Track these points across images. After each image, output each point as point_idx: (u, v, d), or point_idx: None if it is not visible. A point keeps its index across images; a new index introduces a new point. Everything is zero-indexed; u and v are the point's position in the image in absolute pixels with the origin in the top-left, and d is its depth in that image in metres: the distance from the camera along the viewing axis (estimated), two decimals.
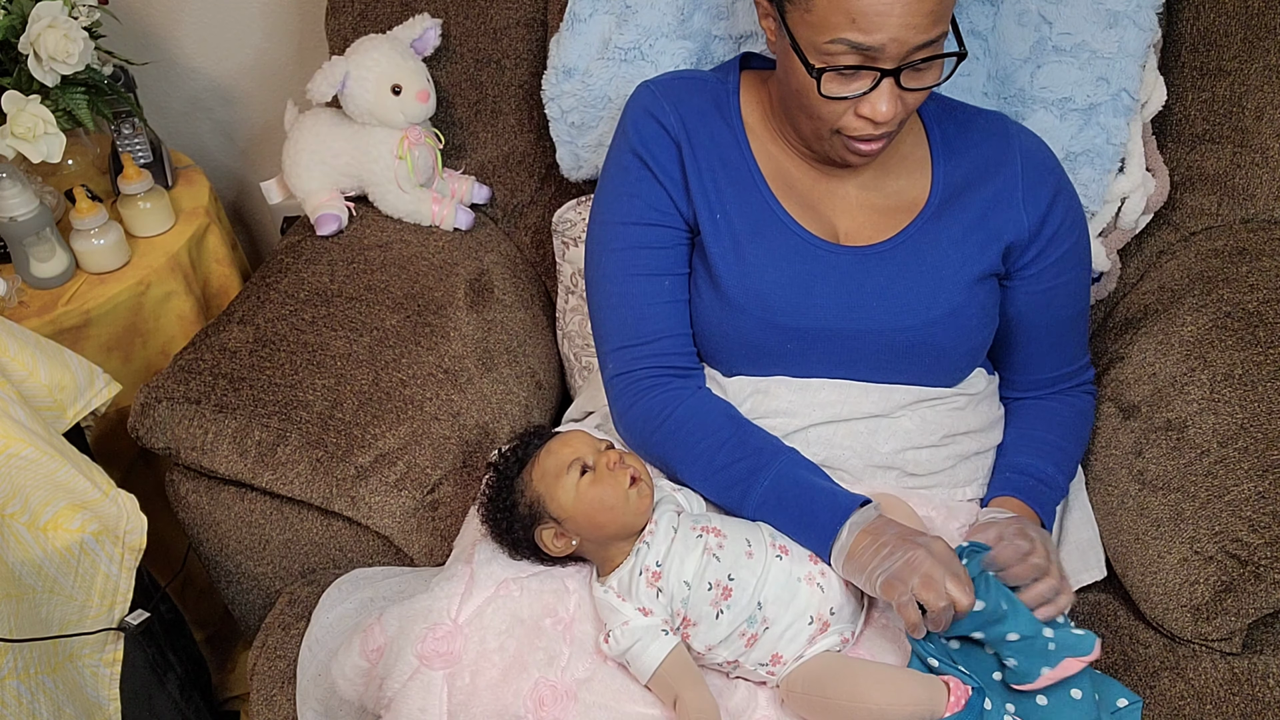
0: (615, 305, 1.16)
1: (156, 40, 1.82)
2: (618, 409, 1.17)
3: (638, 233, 1.15)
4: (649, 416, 1.13)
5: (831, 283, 1.11)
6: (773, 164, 1.15)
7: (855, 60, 0.98)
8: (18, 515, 1.08)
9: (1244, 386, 1.15)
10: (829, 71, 0.99)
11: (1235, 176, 1.35)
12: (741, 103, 1.17)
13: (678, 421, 1.11)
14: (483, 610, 1.00)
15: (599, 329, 1.19)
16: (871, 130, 1.03)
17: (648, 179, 1.15)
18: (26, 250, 1.46)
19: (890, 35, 0.95)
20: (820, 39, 0.97)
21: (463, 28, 1.50)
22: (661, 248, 1.15)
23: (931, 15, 0.95)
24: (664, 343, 1.15)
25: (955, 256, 1.11)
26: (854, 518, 1.01)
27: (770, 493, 1.06)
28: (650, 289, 1.15)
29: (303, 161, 1.47)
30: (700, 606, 0.99)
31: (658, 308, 1.15)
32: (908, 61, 0.98)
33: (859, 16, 0.95)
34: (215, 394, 1.23)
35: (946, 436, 1.15)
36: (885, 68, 0.98)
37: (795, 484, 1.06)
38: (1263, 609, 1.06)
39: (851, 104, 1.02)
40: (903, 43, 0.96)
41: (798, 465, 1.08)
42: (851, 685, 0.96)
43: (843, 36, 0.96)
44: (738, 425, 1.11)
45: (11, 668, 1.07)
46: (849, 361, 1.13)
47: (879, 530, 0.99)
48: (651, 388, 1.14)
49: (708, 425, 1.11)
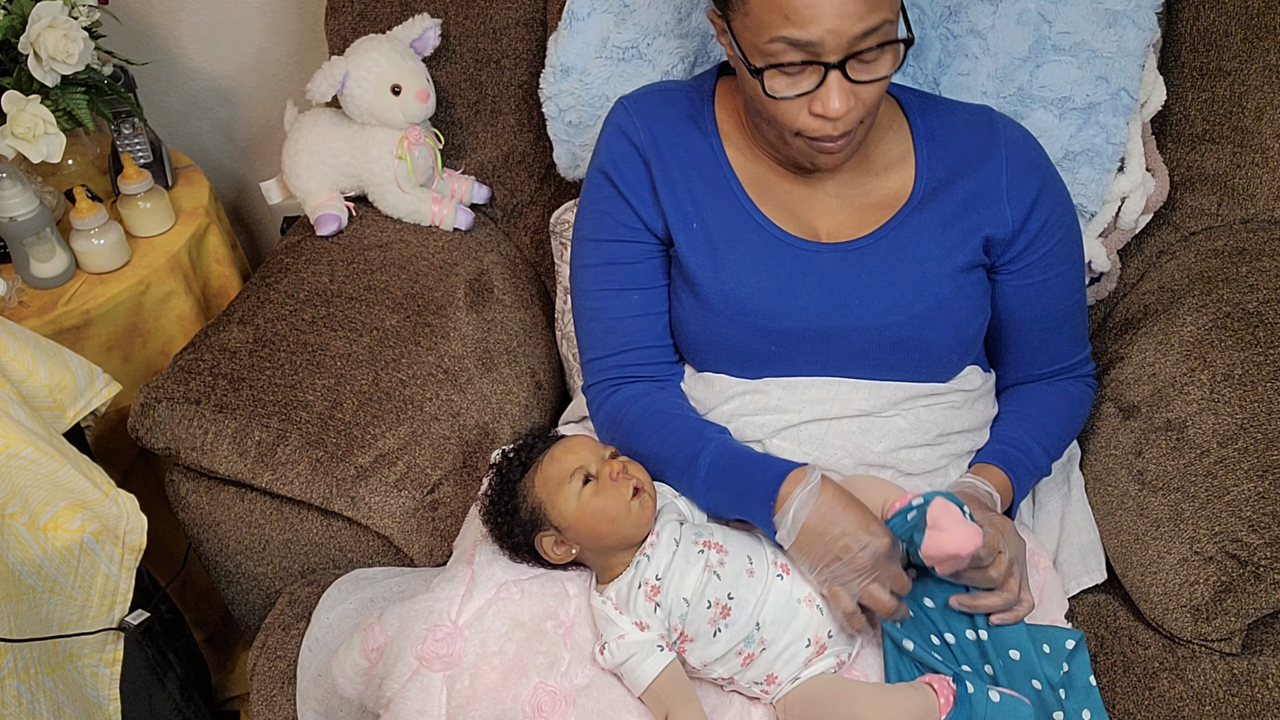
0: (588, 319, 1.20)
1: (156, 40, 1.82)
2: (591, 416, 1.21)
3: (607, 249, 1.18)
4: (611, 420, 1.17)
5: (812, 282, 1.11)
6: (749, 169, 1.15)
7: (797, 57, 0.97)
8: (18, 515, 1.08)
9: (1244, 386, 1.15)
10: (770, 69, 0.98)
11: (1235, 176, 1.35)
12: (717, 110, 1.17)
13: (631, 421, 1.15)
14: (483, 612, 1.00)
15: (578, 341, 1.24)
16: (829, 129, 1.01)
17: (615, 197, 1.17)
18: (26, 250, 1.46)
19: (825, 27, 0.94)
20: (760, 40, 0.97)
21: (462, 28, 1.50)
22: (630, 263, 1.17)
23: (866, 3, 0.94)
24: (630, 354, 1.18)
25: (938, 249, 1.11)
26: (794, 507, 1.00)
27: (710, 478, 1.08)
28: (618, 303, 1.18)
29: (303, 161, 1.47)
30: (698, 624, 0.98)
31: (626, 322, 1.18)
32: (852, 52, 0.96)
33: (791, 13, 0.94)
34: (215, 394, 1.23)
35: (940, 435, 1.15)
36: (829, 61, 0.97)
37: (731, 462, 1.08)
38: (1262, 609, 1.06)
39: (804, 103, 1.01)
40: (840, 33, 0.95)
41: (732, 444, 1.11)
42: (849, 707, 0.96)
43: (779, 35, 0.96)
44: (675, 415, 1.14)
45: (11, 668, 1.07)
46: (837, 361, 1.13)
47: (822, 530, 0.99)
48: (614, 394, 1.18)
49: (655, 421, 1.13)
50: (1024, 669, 0.99)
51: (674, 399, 1.18)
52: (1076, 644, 1.05)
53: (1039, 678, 0.99)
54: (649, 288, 1.19)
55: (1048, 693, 0.99)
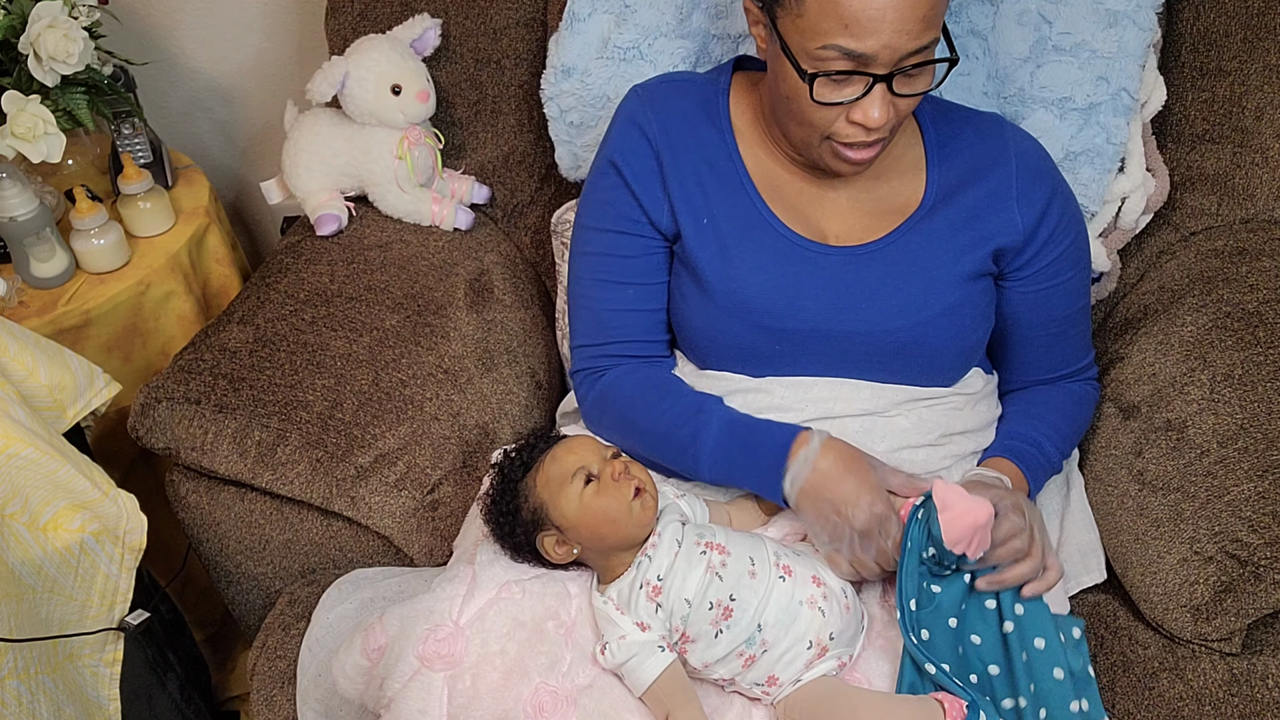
0: (581, 306, 1.21)
1: (156, 40, 1.82)
2: (579, 401, 1.22)
3: (608, 239, 1.18)
4: (602, 400, 1.18)
5: (819, 284, 1.11)
6: (761, 167, 1.15)
7: (847, 66, 0.97)
8: (18, 515, 1.08)
9: (1244, 386, 1.15)
10: (821, 77, 0.98)
11: (1235, 176, 1.35)
12: (731, 105, 1.17)
13: (624, 400, 1.16)
14: (484, 612, 1.00)
15: (569, 324, 1.24)
16: (864, 136, 1.02)
17: (621, 188, 1.17)
18: (26, 250, 1.46)
19: (883, 42, 0.95)
20: (812, 44, 0.97)
21: (463, 28, 1.50)
22: (629, 257, 1.17)
23: (924, 21, 0.94)
24: (619, 346, 1.19)
25: (946, 256, 1.11)
26: (791, 472, 1.04)
27: (716, 452, 1.09)
28: (613, 296, 1.19)
29: (303, 161, 1.47)
30: (700, 625, 0.98)
31: (618, 315, 1.19)
32: (900, 67, 0.97)
33: (851, 23, 0.94)
34: (215, 394, 1.23)
35: (943, 436, 1.15)
36: (877, 73, 0.97)
37: (735, 435, 1.09)
38: (1262, 609, 1.06)
39: (843, 110, 1.01)
40: (895, 49, 0.95)
41: (733, 414, 1.11)
42: (851, 713, 0.95)
43: (835, 43, 0.96)
44: (669, 389, 1.15)
45: (11, 668, 1.07)
46: (841, 362, 1.13)
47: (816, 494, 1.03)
48: (602, 376, 1.19)
49: (648, 397, 1.14)
50: (1048, 659, 0.98)
51: (664, 374, 1.18)
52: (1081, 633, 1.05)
53: (1061, 666, 0.98)
54: (645, 284, 1.19)
55: (1068, 682, 0.98)
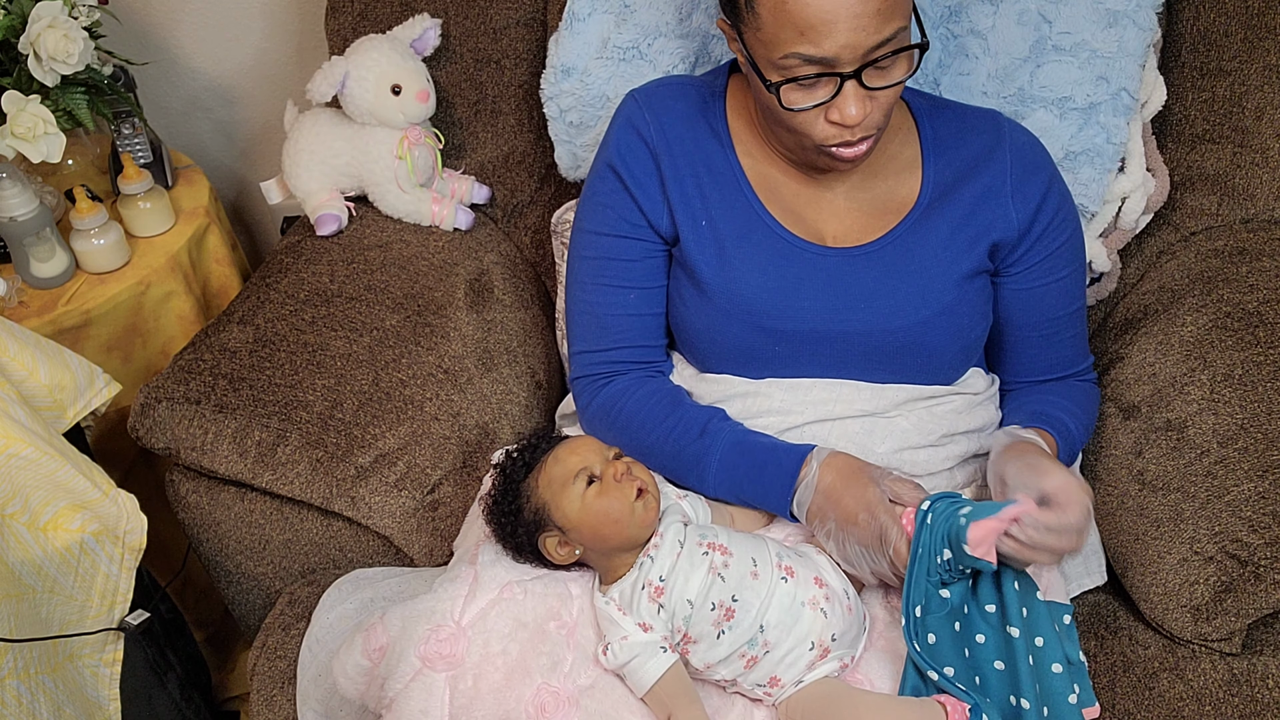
0: (580, 311, 1.21)
1: (156, 40, 1.82)
2: (579, 409, 1.22)
3: (608, 243, 1.18)
4: (602, 413, 1.18)
5: (818, 285, 1.11)
6: (758, 169, 1.15)
7: (812, 70, 0.97)
8: (18, 515, 1.08)
9: (1244, 386, 1.15)
10: (787, 84, 0.98)
11: (1235, 176, 1.35)
12: (728, 108, 1.17)
13: (628, 415, 1.15)
14: (486, 613, 1.00)
15: (568, 331, 1.24)
16: (847, 135, 1.02)
17: (620, 192, 1.17)
18: (26, 250, 1.46)
19: (840, 43, 0.94)
20: (774, 55, 0.97)
21: (463, 28, 1.50)
22: (630, 260, 1.17)
23: (879, 15, 0.94)
24: (621, 351, 1.19)
25: (944, 254, 1.11)
26: (797, 497, 1.06)
27: (722, 473, 1.10)
28: (614, 300, 1.18)
29: (303, 161, 1.47)
30: (702, 625, 0.98)
31: (620, 320, 1.19)
32: (867, 61, 0.96)
33: (806, 29, 0.94)
34: (215, 394, 1.23)
35: (945, 436, 1.15)
36: (844, 72, 0.97)
37: (741, 456, 1.10)
38: (1262, 609, 1.06)
39: (820, 111, 1.01)
40: (855, 47, 0.94)
41: (738, 434, 1.12)
42: (853, 714, 0.95)
43: (795, 50, 0.95)
44: (675, 406, 1.15)
45: (11, 668, 1.07)
46: (839, 363, 1.13)
47: (822, 515, 1.04)
48: (605, 385, 1.18)
49: (654, 415, 1.14)
50: (1048, 655, 0.98)
51: (669, 387, 1.18)
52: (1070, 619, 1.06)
53: (1059, 660, 0.98)
54: (646, 287, 1.19)
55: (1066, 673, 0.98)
